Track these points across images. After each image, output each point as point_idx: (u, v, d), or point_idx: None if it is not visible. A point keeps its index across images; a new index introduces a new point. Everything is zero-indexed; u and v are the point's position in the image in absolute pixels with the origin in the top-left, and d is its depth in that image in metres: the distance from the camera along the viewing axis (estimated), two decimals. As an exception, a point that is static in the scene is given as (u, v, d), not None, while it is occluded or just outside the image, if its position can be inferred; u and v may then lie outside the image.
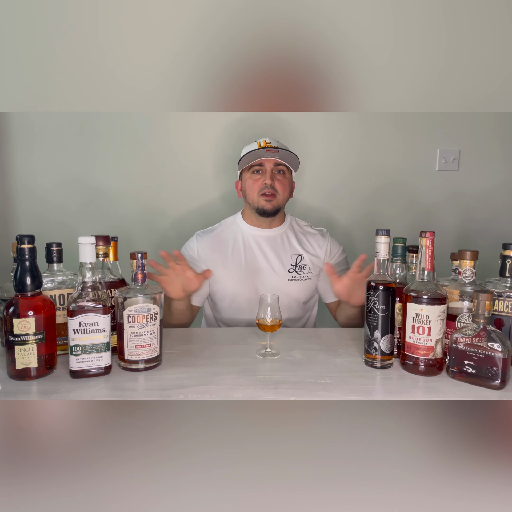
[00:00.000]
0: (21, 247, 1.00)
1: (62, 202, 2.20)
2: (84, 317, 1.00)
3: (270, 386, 1.01)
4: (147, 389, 0.99)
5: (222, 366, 1.12)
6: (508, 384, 1.00)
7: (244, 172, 1.68)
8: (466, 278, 1.11)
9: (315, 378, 1.06)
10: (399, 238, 1.21)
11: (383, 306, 1.08)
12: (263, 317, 1.19)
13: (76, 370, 1.02)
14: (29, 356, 1.00)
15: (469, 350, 1.01)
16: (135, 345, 1.06)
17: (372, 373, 1.09)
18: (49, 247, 1.19)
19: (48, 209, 2.20)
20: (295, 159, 1.64)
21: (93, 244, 1.03)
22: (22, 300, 1.01)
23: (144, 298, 1.06)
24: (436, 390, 1.00)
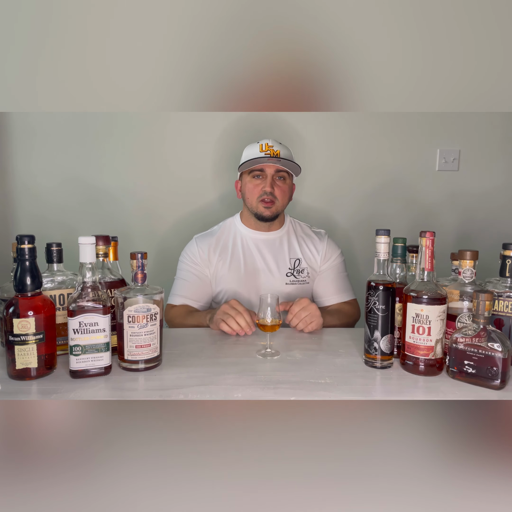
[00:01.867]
0: (21, 247, 1.00)
1: (62, 202, 2.20)
2: (84, 317, 1.00)
3: (270, 386, 1.01)
4: (147, 389, 0.99)
5: (222, 366, 1.12)
6: (508, 384, 1.00)
7: (244, 174, 1.67)
8: (466, 278, 1.11)
9: (315, 378, 1.06)
10: (399, 238, 1.21)
11: (383, 306, 1.08)
12: (263, 317, 1.19)
13: (76, 370, 1.02)
14: (29, 356, 1.00)
15: (469, 350, 1.01)
16: (135, 345, 1.06)
17: (372, 373, 1.09)
18: (49, 247, 1.19)
19: (48, 209, 2.20)
20: (296, 166, 1.63)
21: (93, 244, 1.03)
22: (22, 300, 1.01)
23: (144, 298, 1.06)
24: (436, 390, 1.00)
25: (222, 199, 2.24)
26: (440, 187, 2.26)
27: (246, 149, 1.68)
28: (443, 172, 2.25)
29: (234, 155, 1.99)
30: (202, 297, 1.67)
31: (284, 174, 1.63)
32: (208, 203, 2.25)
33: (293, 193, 1.74)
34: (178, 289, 1.66)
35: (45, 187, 2.19)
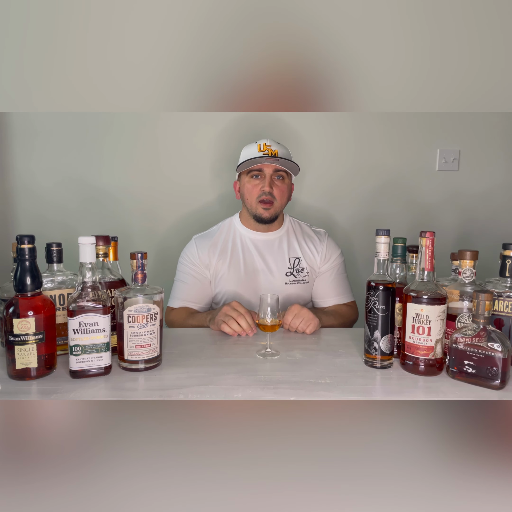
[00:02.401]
0: (21, 247, 1.00)
1: (62, 202, 2.20)
2: (84, 317, 1.00)
3: (270, 386, 1.01)
4: (147, 389, 0.99)
5: (222, 366, 1.12)
6: (508, 384, 1.00)
7: (243, 175, 1.67)
8: (466, 278, 1.11)
9: (315, 378, 1.06)
10: (399, 238, 1.21)
11: (383, 306, 1.08)
12: (263, 317, 1.19)
13: (76, 370, 1.02)
14: (29, 356, 1.00)
15: (469, 350, 1.01)
16: (135, 345, 1.06)
17: (372, 373, 1.09)
18: (49, 247, 1.19)
19: (48, 209, 2.20)
20: (295, 166, 1.63)
21: (93, 244, 1.03)
22: (22, 300, 1.01)
23: (144, 298, 1.06)
24: (436, 390, 1.00)
25: (221, 199, 2.24)
26: (440, 187, 2.26)
27: (244, 149, 1.68)
28: (443, 172, 2.25)
29: (233, 155, 1.98)
30: (202, 298, 1.67)
31: (283, 173, 1.63)
32: (207, 203, 2.25)
33: (292, 192, 1.74)
34: (178, 291, 1.66)
35: (45, 187, 2.19)
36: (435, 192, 2.27)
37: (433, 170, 2.25)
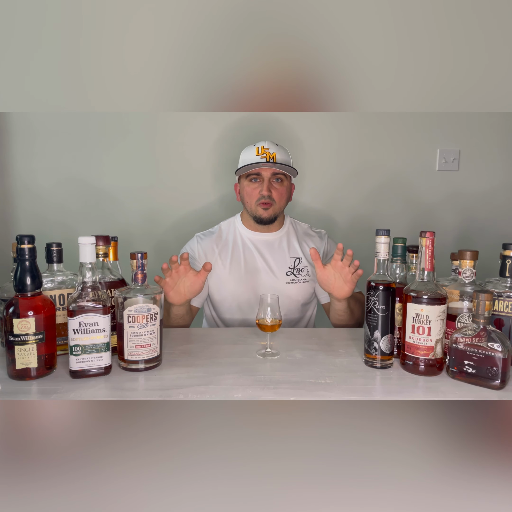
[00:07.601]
0: (21, 247, 1.00)
1: (62, 202, 2.20)
2: (84, 317, 1.00)
3: (270, 386, 1.01)
4: (147, 389, 0.99)
5: (222, 366, 1.12)
6: (508, 384, 1.00)
7: (242, 178, 1.68)
8: (466, 278, 1.11)
9: (315, 378, 1.06)
10: (399, 238, 1.21)
11: (383, 306, 1.08)
12: (263, 317, 1.19)
13: (76, 370, 1.02)
14: (29, 356, 1.00)
15: (469, 350, 1.01)
16: (135, 345, 1.06)
17: (372, 373, 1.09)
18: (49, 247, 1.19)
19: (48, 209, 2.20)
20: (293, 169, 1.63)
21: (93, 244, 1.03)
22: (22, 300, 1.01)
23: (144, 298, 1.06)
24: (436, 390, 1.00)
25: (222, 200, 2.25)
26: (440, 187, 2.26)
27: (243, 153, 1.68)
28: (443, 172, 2.25)
29: (233, 156, 1.98)
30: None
31: (281, 176, 1.63)
32: (208, 204, 2.25)
33: (293, 193, 1.74)
34: None
35: (45, 187, 2.19)
36: (435, 192, 2.27)
37: (433, 170, 2.25)
